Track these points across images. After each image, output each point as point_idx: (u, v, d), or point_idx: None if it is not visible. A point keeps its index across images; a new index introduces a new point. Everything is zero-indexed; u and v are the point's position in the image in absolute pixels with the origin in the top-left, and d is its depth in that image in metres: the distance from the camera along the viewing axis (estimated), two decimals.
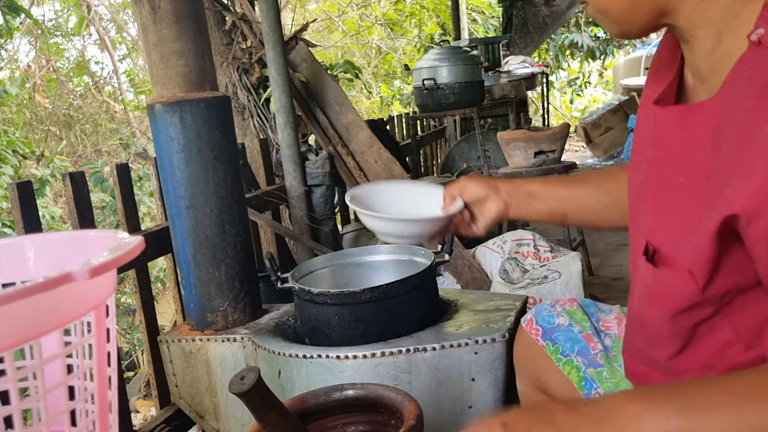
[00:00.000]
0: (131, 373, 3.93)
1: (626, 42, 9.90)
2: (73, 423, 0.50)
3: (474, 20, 9.00)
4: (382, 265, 1.75)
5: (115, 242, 0.47)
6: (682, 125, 0.69)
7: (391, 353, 1.39)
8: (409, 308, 1.47)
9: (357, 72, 3.93)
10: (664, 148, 0.72)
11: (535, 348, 1.11)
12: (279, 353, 1.49)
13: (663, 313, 0.74)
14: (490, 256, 2.62)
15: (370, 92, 9.83)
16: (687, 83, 0.76)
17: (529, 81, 5.16)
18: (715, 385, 0.63)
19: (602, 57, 10.59)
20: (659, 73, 0.80)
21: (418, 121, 4.89)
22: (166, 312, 3.34)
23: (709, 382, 0.65)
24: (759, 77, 0.59)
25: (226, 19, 3.02)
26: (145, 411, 3.17)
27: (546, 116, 6.48)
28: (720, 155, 0.63)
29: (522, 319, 1.18)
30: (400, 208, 1.20)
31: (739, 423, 0.58)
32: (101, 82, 9.69)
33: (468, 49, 4.10)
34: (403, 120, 4.69)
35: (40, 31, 8.29)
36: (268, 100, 2.93)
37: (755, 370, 0.63)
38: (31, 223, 1.55)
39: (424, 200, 1.19)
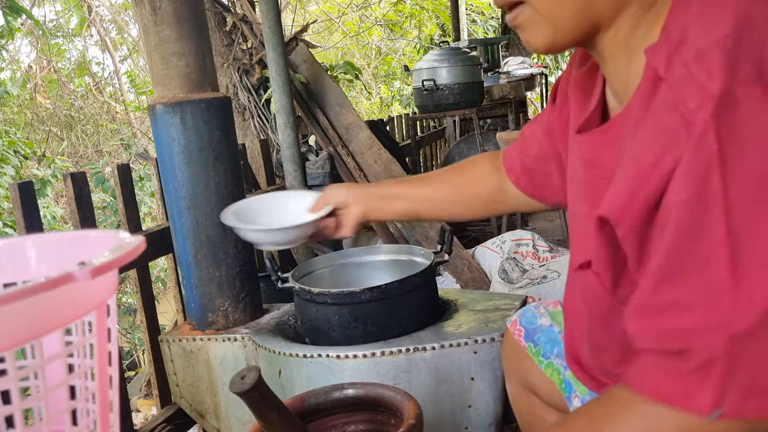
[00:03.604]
0: (132, 373, 3.93)
1: None
2: (74, 422, 0.50)
3: (473, 21, 9.01)
4: (381, 265, 1.75)
5: (116, 242, 0.47)
6: (605, 144, 0.70)
7: (391, 353, 1.39)
8: (408, 308, 1.47)
9: (357, 73, 3.93)
10: (594, 168, 0.73)
11: (520, 349, 1.12)
12: (279, 353, 1.50)
13: (594, 320, 0.75)
14: (490, 256, 2.62)
15: (370, 93, 9.83)
16: (609, 105, 0.75)
17: (529, 82, 5.16)
18: (581, 412, 0.68)
19: None
20: (579, 101, 0.80)
21: (418, 122, 4.89)
22: (167, 312, 3.34)
23: (582, 409, 0.69)
24: (644, 88, 0.60)
25: (227, 20, 3.03)
26: (146, 410, 3.17)
27: None
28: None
29: (507, 320, 1.19)
30: (276, 216, 1.29)
31: None
32: (102, 82, 9.70)
33: (467, 50, 4.10)
34: (403, 120, 4.70)
35: (41, 32, 8.30)
36: (268, 101, 2.93)
37: (618, 386, 0.64)
38: (33, 223, 1.55)
39: (299, 206, 1.27)
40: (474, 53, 4.06)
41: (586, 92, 0.78)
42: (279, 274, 1.62)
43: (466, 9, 7.42)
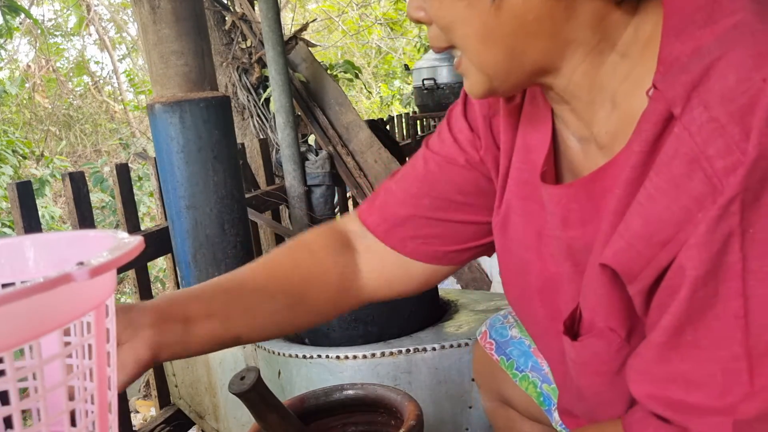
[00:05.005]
0: None
1: None
2: (73, 423, 0.50)
3: None
4: None
5: (114, 242, 0.47)
6: (589, 197, 0.62)
7: (391, 353, 1.39)
8: (408, 308, 1.47)
9: (357, 72, 3.93)
10: (578, 224, 0.64)
11: (492, 363, 1.06)
12: (279, 353, 1.49)
13: (600, 381, 0.67)
14: None
15: (369, 92, 9.83)
16: (568, 150, 0.68)
17: None
18: None
19: None
20: (523, 139, 0.70)
21: (418, 121, 4.89)
22: None
23: None
24: (647, 128, 0.53)
25: (226, 18, 3.03)
26: (145, 411, 3.17)
27: None
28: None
29: (477, 332, 1.12)
30: None
31: None
32: (101, 82, 9.69)
33: None
34: (403, 120, 4.70)
35: (39, 31, 8.30)
36: (267, 100, 2.93)
37: (617, 426, 0.61)
38: (31, 223, 1.55)
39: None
40: None
41: (534, 130, 0.69)
42: None
43: None
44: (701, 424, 0.51)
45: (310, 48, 3.18)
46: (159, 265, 4.76)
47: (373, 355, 1.39)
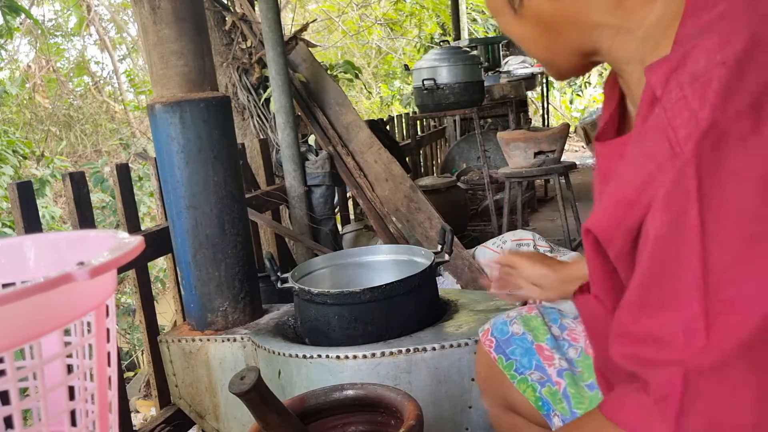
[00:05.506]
0: (131, 373, 3.93)
1: None
2: (73, 423, 0.50)
3: (474, 20, 9.01)
4: (382, 265, 1.75)
5: (115, 242, 0.47)
6: (621, 156, 0.66)
7: (391, 353, 1.39)
8: (408, 308, 1.47)
9: (357, 72, 3.93)
10: (604, 183, 0.70)
11: (494, 365, 1.04)
12: (279, 353, 1.49)
13: (600, 343, 0.72)
14: (490, 256, 2.61)
15: (369, 92, 9.83)
16: (629, 114, 0.75)
17: (529, 81, 5.16)
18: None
19: None
20: (603, 109, 0.80)
21: (418, 121, 4.89)
22: (166, 312, 3.34)
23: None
24: (642, 108, 0.59)
25: (226, 19, 3.02)
26: (145, 411, 3.17)
27: (546, 116, 6.48)
28: None
29: (480, 329, 1.11)
30: None
31: None
32: (101, 82, 9.69)
33: (468, 49, 4.10)
34: (403, 120, 4.69)
35: (40, 32, 8.29)
36: (267, 101, 2.93)
37: (595, 410, 0.64)
38: (31, 223, 1.55)
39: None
40: (474, 52, 4.06)
41: (610, 97, 0.78)
42: (278, 274, 1.62)
43: (467, 8, 7.42)
44: (656, 375, 0.55)
45: (310, 48, 3.18)
46: (159, 265, 4.76)
47: (373, 355, 1.39)
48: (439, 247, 1.64)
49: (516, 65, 5.29)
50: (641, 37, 0.63)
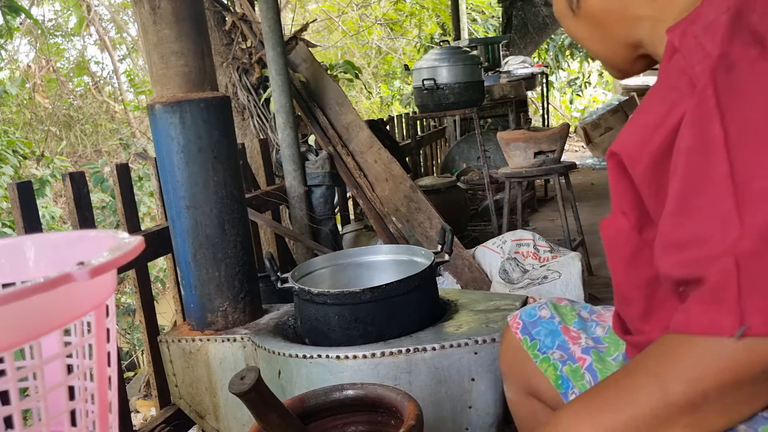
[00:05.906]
0: (131, 373, 3.93)
1: None
2: (73, 423, 0.50)
3: (474, 20, 9.00)
4: (382, 265, 1.75)
5: (115, 242, 0.47)
6: None
7: (391, 353, 1.39)
8: (408, 308, 1.47)
9: (357, 72, 3.93)
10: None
11: (521, 351, 1.07)
12: (279, 353, 1.49)
13: (619, 267, 0.78)
14: (490, 256, 2.62)
15: (369, 92, 9.83)
16: None
17: (529, 81, 5.16)
18: (609, 380, 0.69)
19: None
20: None
21: (418, 121, 4.88)
22: (166, 312, 3.34)
23: (610, 378, 0.70)
24: (663, 61, 0.70)
25: (226, 19, 3.02)
26: (145, 411, 3.17)
27: (546, 116, 6.47)
28: None
29: (508, 316, 1.14)
30: None
31: (628, 410, 0.64)
32: (101, 82, 9.69)
33: (468, 49, 4.10)
34: (403, 120, 4.69)
35: (40, 32, 8.29)
36: (267, 101, 2.92)
37: (641, 354, 0.67)
38: (31, 223, 1.55)
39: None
40: (474, 52, 4.06)
41: None
42: (278, 274, 1.62)
43: (467, 8, 7.41)
44: (708, 270, 0.60)
45: (310, 48, 3.18)
46: (159, 265, 4.77)
47: (373, 354, 1.38)
48: (439, 247, 1.64)
49: (516, 65, 5.29)
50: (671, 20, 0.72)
